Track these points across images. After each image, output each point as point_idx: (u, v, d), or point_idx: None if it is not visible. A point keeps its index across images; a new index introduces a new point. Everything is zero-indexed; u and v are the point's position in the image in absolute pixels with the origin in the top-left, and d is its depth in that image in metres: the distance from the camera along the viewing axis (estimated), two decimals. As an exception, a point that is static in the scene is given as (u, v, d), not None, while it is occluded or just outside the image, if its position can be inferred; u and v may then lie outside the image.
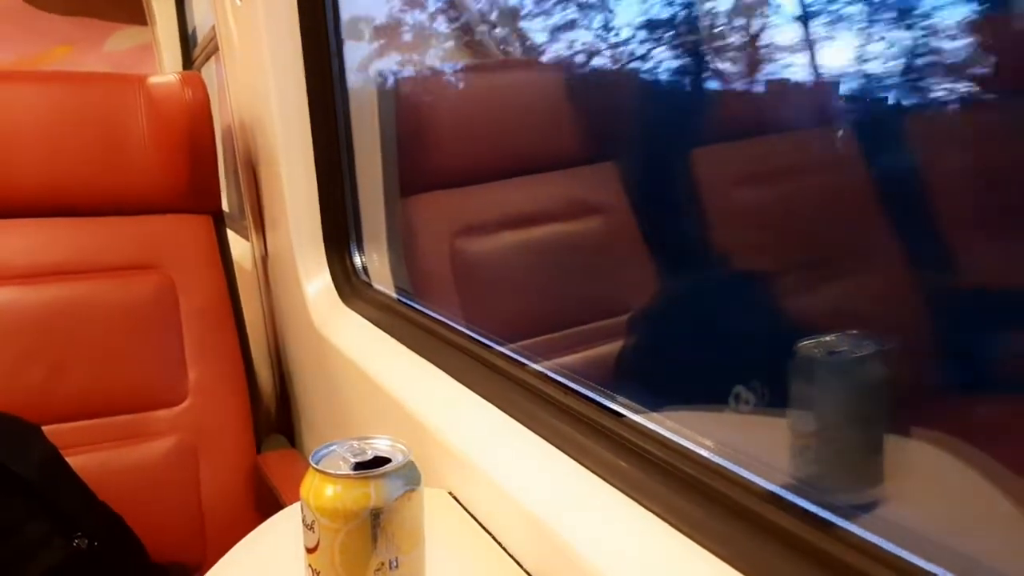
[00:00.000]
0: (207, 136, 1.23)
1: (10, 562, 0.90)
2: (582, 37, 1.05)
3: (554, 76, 1.24)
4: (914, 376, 0.56)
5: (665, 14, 0.91)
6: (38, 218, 1.17)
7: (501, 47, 1.23)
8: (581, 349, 0.96)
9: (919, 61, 0.58)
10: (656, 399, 0.63)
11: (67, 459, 1.00)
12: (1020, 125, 0.53)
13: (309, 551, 0.49)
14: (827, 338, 0.54)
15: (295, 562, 0.51)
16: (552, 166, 1.23)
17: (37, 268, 1.14)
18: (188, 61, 2.43)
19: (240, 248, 1.43)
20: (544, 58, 1.22)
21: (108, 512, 1.01)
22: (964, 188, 0.59)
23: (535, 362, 0.77)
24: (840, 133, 0.70)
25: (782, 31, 0.73)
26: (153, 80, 1.23)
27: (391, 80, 1.27)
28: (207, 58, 2.08)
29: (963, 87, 0.57)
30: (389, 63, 1.29)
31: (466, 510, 0.67)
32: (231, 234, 1.32)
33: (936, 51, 0.56)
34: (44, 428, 1.01)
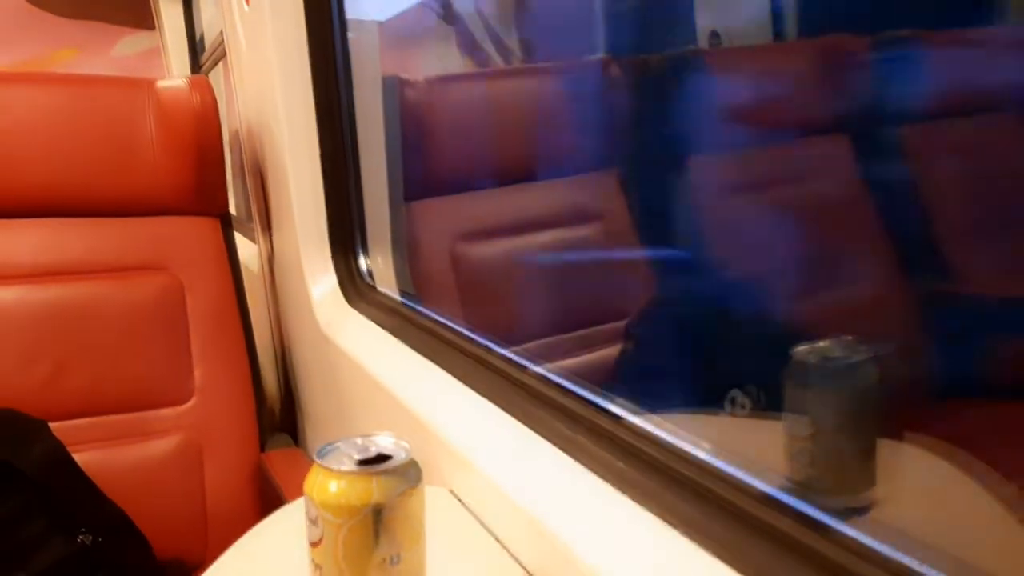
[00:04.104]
0: (215, 140, 1.24)
1: (14, 556, 0.90)
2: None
3: (557, 82, 1.25)
4: (907, 381, 0.56)
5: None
6: (47, 218, 1.18)
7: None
8: (581, 352, 0.96)
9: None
10: (654, 402, 0.64)
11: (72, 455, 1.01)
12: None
13: (313, 545, 0.49)
14: (821, 344, 0.55)
15: (296, 558, 0.52)
16: (554, 173, 1.24)
17: (45, 268, 1.16)
18: (196, 66, 2.45)
19: (247, 250, 1.44)
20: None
21: (112, 509, 1.01)
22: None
23: (536, 364, 0.78)
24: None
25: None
26: (162, 84, 1.24)
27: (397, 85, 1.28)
28: (215, 63, 2.09)
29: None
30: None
31: (467, 509, 0.68)
32: (238, 236, 1.33)
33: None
34: (50, 425, 1.02)
